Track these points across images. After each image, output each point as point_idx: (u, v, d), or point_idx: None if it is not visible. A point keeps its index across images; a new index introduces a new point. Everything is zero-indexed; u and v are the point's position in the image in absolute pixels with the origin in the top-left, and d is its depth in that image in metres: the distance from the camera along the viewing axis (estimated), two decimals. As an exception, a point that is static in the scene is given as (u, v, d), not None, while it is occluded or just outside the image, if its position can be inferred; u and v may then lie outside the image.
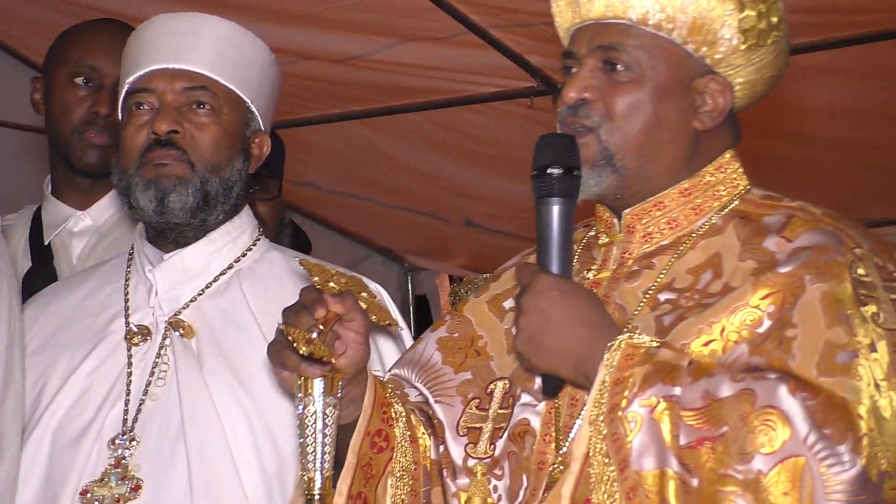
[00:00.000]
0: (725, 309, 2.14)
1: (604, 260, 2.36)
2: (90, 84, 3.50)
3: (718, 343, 2.12)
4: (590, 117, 2.27)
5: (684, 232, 2.31)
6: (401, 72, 5.37)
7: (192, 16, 2.84)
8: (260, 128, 2.88)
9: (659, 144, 2.28)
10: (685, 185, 2.32)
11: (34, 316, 2.93)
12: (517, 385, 2.33)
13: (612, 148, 2.26)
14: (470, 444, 2.35)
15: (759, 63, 2.32)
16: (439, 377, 2.44)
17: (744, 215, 2.29)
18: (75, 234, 3.57)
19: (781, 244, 2.19)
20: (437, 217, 6.94)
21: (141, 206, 2.74)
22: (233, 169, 2.79)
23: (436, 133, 5.96)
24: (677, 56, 2.29)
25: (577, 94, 2.28)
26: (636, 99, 2.27)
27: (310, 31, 4.95)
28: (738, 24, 2.26)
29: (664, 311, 2.22)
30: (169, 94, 2.76)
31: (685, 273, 2.26)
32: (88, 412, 2.72)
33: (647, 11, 2.26)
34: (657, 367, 2.06)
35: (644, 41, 2.28)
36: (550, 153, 2.22)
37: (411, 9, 4.85)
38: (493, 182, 6.45)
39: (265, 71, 2.88)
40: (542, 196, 2.20)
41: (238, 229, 2.87)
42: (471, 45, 5.10)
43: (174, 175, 2.72)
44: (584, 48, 2.31)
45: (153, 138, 2.73)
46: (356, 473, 2.23)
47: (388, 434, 2.28)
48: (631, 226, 2.33)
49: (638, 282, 2.29)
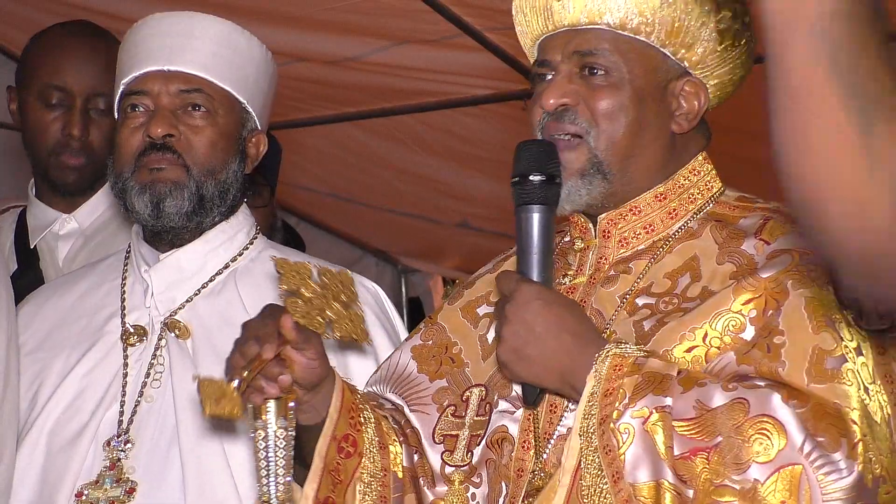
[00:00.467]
0: (707, 314, 2.13)
1: (580, 265, 2.34)
2: (60, 105, 3.47)
3: (702, 349, 2.12)
4: (577, 123, 2.24)
5: (660, 236, 2.30)
6: (394, 74, 5.36)
7: (187, 15, 2.83)
8: (256, 127, 2.87)
9: (641, 148, 2.27)
10: (660, 189, 2.30)
11: (30, 315, 2.92)
12: (494, 392, 2.32)
13: (601, 154, 2.24)
14: (446, 451, 2.34)
15: (732, 63, 2.31)
16: (414, 386, 2.43)
17: (719, 218, 2.29)
18: (61, 237, 3.56)
19: (759, 247, 2.18)
20: (430, 220, 6.94)
21: (137, 210, 2.73)
22: (229, 171, 2.79)
23: (429, 135, 5.96)
24: (654, 59, 2.28)
25: (556, 101, 2.25)
26: (617, 102, 2.24)
27: (303, 32, 4.94)
28: (715, 25, 2.25)
29: (643, 316, 2.21)
30: (164, 97, 2.75)
31: (663, 277, 2.25)
32: (84, 414, 2.72)
33: (625, 16, 2.24)
34: (647, 377, 2.05)
35: (621, 45, 2.26)
36: (530, 160, 2.21)
37: (405, 10, 4.84)
38: (487, 184, 6.45)
39: (261, 70, 2.87)
40: (522, 203, 2.19)
41: (234, 228, 2.86)
42: (465, 47, 5.10)
43: (170, 179, 2.72)
44: (559, 55, 2.28)
45: (148, 142, 2.73)
46: (323, 477, 2.21)
47: (356, 439, 2.26)
48: (607, 231, 2.32)
49: (615, 286, 2.28)
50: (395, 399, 2.44)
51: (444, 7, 4.81)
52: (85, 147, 3.47)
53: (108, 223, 3.55)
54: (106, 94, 3.41)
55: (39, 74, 3.47)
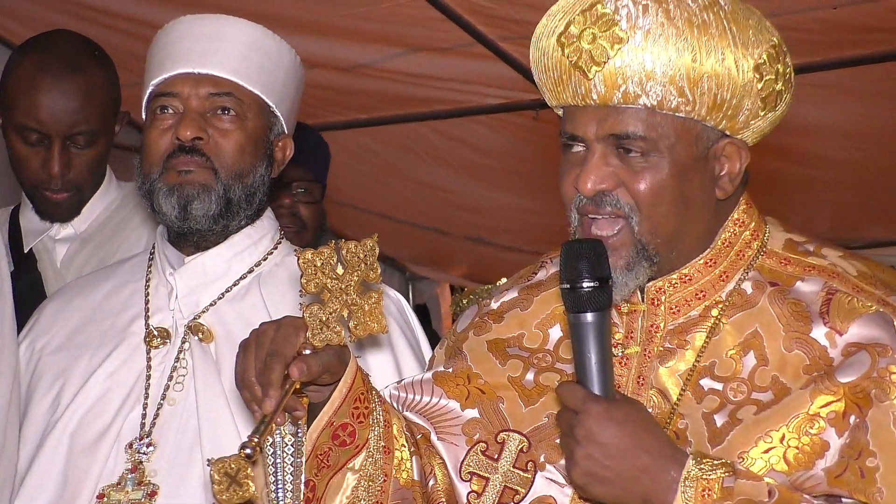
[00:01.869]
0: (784, 416, 2.10)
1: (629, 331, 2.28)
2: (39, 143, 3.42)
3: (779, 450, 2.08)
4: (619, 206, 2.16)
5: (712, 301, 2.24)
6: (407, 81, 5.38)
7: (218, 18, 2.82)
8: (283, 131, 2.86)
9: (688, 224, 2.20)
10: (709, 254, 2.25)
11: (53, 314, 2.93)
12: (539, 450, 2.27)
13: (645, 238, 2.17)
14: (473, 492, 2.30)
15: (773, 119, 2.24)
16: (444, 413, 2.38)
17: (774, 280, 2.22)
18: (58, 241, 3.56)
19: (831, 337, 2.13)
20: (438, 231, 6.94)
21: (164, 211, 2.73)
22: (256, 175, 2.78)
23: (440, 143, 5.97)
24: (694, 131, 2.17)
25: (594, 186, 2.15)
26: (659, 182, 2.15)
27: (317, 38, 4.94)
28: (759, 94, 2.16)
29: (713, 408, 2.16)
30: (194, 100, 2.74)
31: (725, 357, 2.20)
32: (107, 415, 2.72)
33: (664, 98, 2.12)
34: (741, 503, 2.01)
35: (659, 123, 2.14)
36: (581, 264, 2.10)
37: (419, 18, 4.86)
38: (496, 195, 6.46)
39: (290, 74, 2.87)
40: (576, 311, 2.10)
41: (259, 233, 2.86)
42: (478, 56, 5.11)
43: (197, 182, 2.72)
44: (592, 132, 2.16)
45: (177, 144, 2.72)
46: (308, 460, 2.18)
47: (356, 430, 2.22)
48: (655, 298, 2.26)
49: (673, 362, 2.23)
50: (418, 420, 2.39)
51: (458, 16, 4.82)
52: (66, 183, 3.45)
53: (105, 225, 3.56)
54: (85, 130, 3.40)
55: (15, 114, 3.42)
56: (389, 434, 2.28)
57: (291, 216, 4.05)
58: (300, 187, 4.11)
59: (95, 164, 3.50)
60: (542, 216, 6.78)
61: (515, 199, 6.53)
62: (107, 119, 3.48)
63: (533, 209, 6.70)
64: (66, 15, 4.76)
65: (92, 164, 3.48)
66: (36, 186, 3.48)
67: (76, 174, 3.46)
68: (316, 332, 2.10)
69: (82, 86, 3.40)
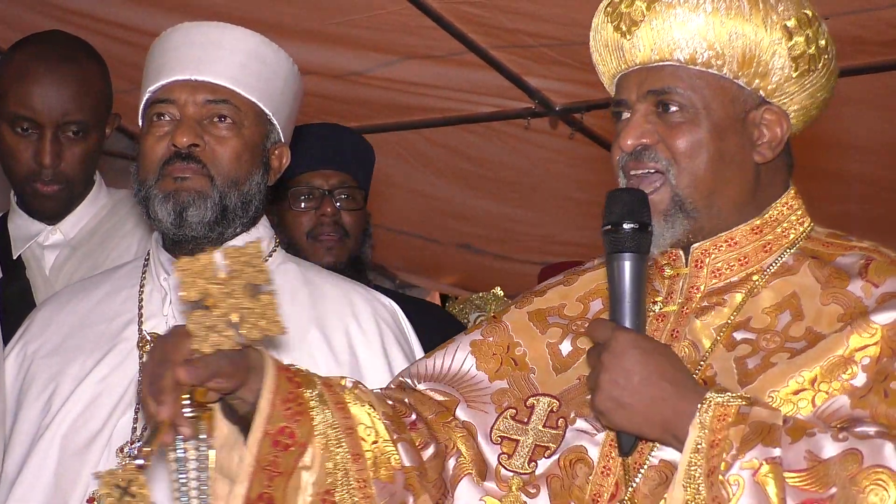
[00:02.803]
0: (818, 358, 2.12)
1: (669, 293, 2.34)
2: (31, 133, 3.43)
3: (809, 393, 2.11)
4: (657, 160, 2.26)
5: (754, 269, 2.29)
6: (399, 89, 5.38)
7: (216, 26, 2.83)
8: (280, 139, 2.87)
9: (725, 181, 2.27)
10: (756, 221, 2.30)
11: (48, 317, 2.93)
12: (570, 408, 2.31)
13: (683, 192, 2.25)
14: (504, 454, 2.33)
15: (811, 88, 2.31)
16: (473, 384, 2.42)
17: (815, 255, 2.28)
18: (46, 248, 3.56)
19: (867, 289, 2.17)
20: (429, 239, 6.94)
21: (159, 218, 2.73)
22: (252, 182, 2.78)
23: (431, 152, 5.97)
24: (730, 91, 2.27)
25: (635, 141, 2.27)
26: (696, 138, 2.25)
27: (308, 46, 4.94)
28: (788, 53, 2.25)
29: (745, 353, 2.20)
30: (190, 107, 2.74)
31: (761, 313, 2.24)
32: (98, 419, 2.72)
33: (695, 50, 2.25)
34: (754, 427, 2.03)
35: (695, 80, 2.26)
36: (623, 208, 2.20)
37: (411, 26, 4.86)
38: (487, 203, 6.46)
39: (288, 83, 2.88)
40: (615, 251, 2.18)
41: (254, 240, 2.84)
42: (470, 64, 5.12)
43: (193, 189, 2.72)
44: (634, 94, 2.30)
45: (173, 151, 2.72)
46: (255, 476, 2.17)
47: (294, 431, 2.21)
48: (699, 261, 2.31)
49: (709, 318, 2.28)
50: (439, 397, 2.42)
51: (449, 24, 4.83)
52: (57, 175, 3.45)
53: (94, 232, 3.56)
54: (78, 119, 3.41)
55: (7, 102, 3.43)
56: (355, 439, 2.27)
57: (333, 224, 3.95)
58: (342, 193, 4.00)
59: (86, 159, 3.50)
60: (533, 225, 6.79)
61: (506, 207, 6.54)
62: (99, 113, 3.49)
63: (524, 218, 6.71)
64: (58, 22, 4.74)
65: (82, 158, 3.48)
66: (26, 179, 3.47)
67: (67, 166, 3.46)
68: (202, 337, 2.08)
69: (76, 75, 3.42)
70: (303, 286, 2.86)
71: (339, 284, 2.93)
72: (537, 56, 4.94)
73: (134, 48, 4.60)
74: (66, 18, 4.83)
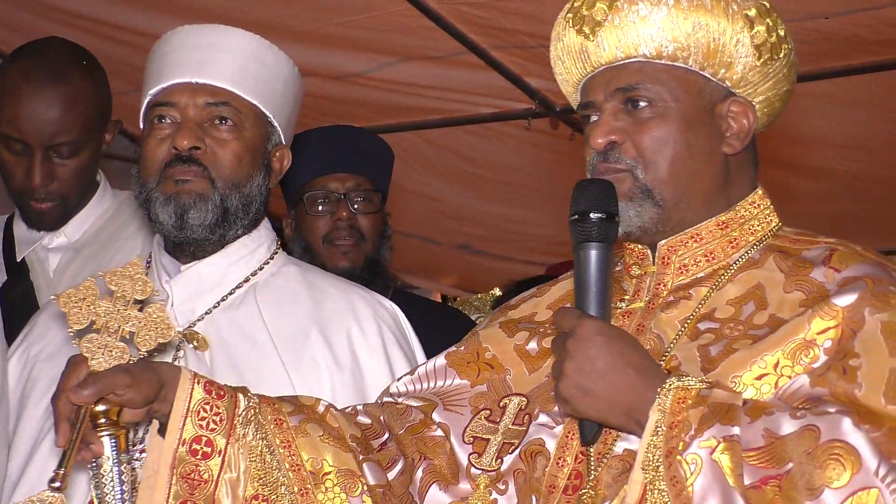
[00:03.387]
0: (780, 342, 2.13)
1: (636, 291, 2.36)
2: (21, 152, 3.43)
3: (772, 377, 2.11)
4: (621, 160, 2.27)
5: (721, 265, 2.31)
6: (398, 90, 5.38)
7: (216, 28, 2.83)
8: (281, 141, 2.87)
9: (693, 174, 2.29)
10: (722, 217, 2.32)
11: (50, 321, 2.92)
12: (536, 404, 2.33)
13: (650, 184, 2.27)
14: (474, 453, 2.36)
15: (775, 77, 2.33)
16: (454, 391, 2.45)
17: (781, 250, 2.30)
18: (51, 250, 3.57)
19: (830, 274, 2.18)
20: (429, 240, 6.94)
21: (160, 220, 2.73)
22: (253, 185, 2.79)
23: (432, 153, 5.97)
24: (696, 83, 2.30)
25: (604, 139, 2.28)
26: (664, 133, 2.27)
27: (308, 47, 4.94)
28: (751, 41, 2.28)
29: (708, 341, 2.21)
30: (191, 109, 2.75)
31: (725, 304, 2.26)
32: (101, 422, 2.71)
33: (660, 45, 2.27)
34: (713, 408, 2.03)
35: (661, 75, 2.28)
36: (589, 198, 2.21)
37: (411, 27, 4.86)
38: (487, 204, 6.46)
39: (288, 85, 2.88)
40: (581, 241, 2.20)
41: (255, 242, 2.86)
42: (470, 65, 5.12)
43: (194, 191, 2.72)
44: (602, 94, 2.31)
45: (174, 153, 2.73)
46: (173, 485, 2.22)
47: (211, 440, 2.26)
48: (666, 257, 2.33)
49: (675, 311, 2.29)
50: (419, 404, 2.44)
51: (450, 24, 4.83)
52: (50, 193, 3.46)
53: (98, 234, 3.56)
54: (67, 140, 3.40)
55: (0, 120, 3.42)
56: (303, 475, 2.29)
57: (349, 228, 3.96)
58: (358, 196, 3.99)
59: (80, 174, 3.49)
60: (533, 226, 6.79)
61: (506, 208, 6.54)
62: (91, 129, 3.48)
63: (524, 219, 6.71)
64: (58, 24, 4.76)
65: (76, 174, 3.48)
66: (21, 195, 3.48)
67: (60, 184, 3.46)
68: (97, 359, 2.19)
69: (64, 96, 3.40)
70: (304, 289, 2.87)
71: (340, 287, 2.93)
72: (537, 56, 4.94)
73: (134, 50, 4.61)
74: (67, 21, 4.83)
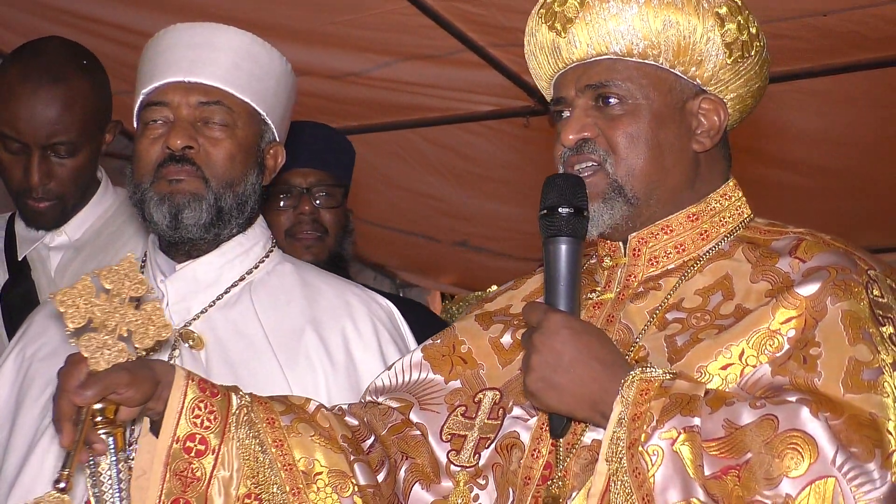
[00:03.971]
0: (745, 332, 2.15)
1: (607, 282, 2.38)
2: (19, 151, 3.43)
3: (737, 367, 2.13)
4: (595, 152, 2.29)
5: (691, 256, 2.33)
6: (397, 89, 5.38)
7: (208, 27, 2.82)
8: (275, 139, 2.87)
9: (664, 171, 2.30)
10: (692, 210, 2.34)
11: (47, 320, 2.92)
12: (509, 398, 2.34)
13: (621, 180, 2.28)
14: (453, 451, 2.37)
15: (746, 75, 2.34)
16: (429, 388, 2.46)
17: (751, 241, 2.31)
18: (52, 249, 3.57)
19: (795, 264, 2.20)
20: (428, 238, 6.94)
21: (155, 220, 2.73)
22: (247, 183, 2.78)
23: (430, 151, 5.97)
24: (667, 81, 2.31)
25: (576, 135, 2.29)
26: (635, 129, 2.28)
27: (306, 46, 4.95)
28: (722, 39, 2.28)
29: (675, 331, 2.23)
30: (184, 109, 2.74)
31: (693, 294, 2.27)
32: (96, 421, 2.71)
33: (631, 42, 2.28)
34: (674, 399, 2.05)
35: (632, 72, 2.29)
36: (559, 193, 2.22)
37: (409, 26, 4.86)
38: (486, 202, 6.46)
39: (281, 82, 2.87)
40: (550, 235, 2.21)
41: (251, 241, 2.86)
42: (468, 63, 5.12)
43: (188, 191, 2.72)
44: (573, 90, 2.32)
45: (167, 153, 2.72)
46: (167, 481, 2.24)
47: (205, 437, 2.27)
48: (637, 249, 2.35)
49: (644, 302, 2.31)
50: (396, 404, 2.45)
51: (448, 22, 4.82)
52: (48, 192, 3.46)
53: (100, 233, 3.56)
54: (64, 140, 3.41)
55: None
56: (295, 475, 2.30)
57: (313, 222, 3.97)
58: (321, 191, 4.00)
59: (78, 174, 3.50)
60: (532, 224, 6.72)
61: (505, 206, 6.53)
62: (89, 129, 3.48)
63: (523, 217, 6.69)
64: (56, 24, 4.76)
65: (74, 174, 3.48)
66: (19, 194, 3.49)
67: (57, 184, 3.47)
68: (96, 358, 2.18)
69: (61, 96, 3.41)
70: (299, 287, 2.87)
71: (335, 285, 2.93)
72: (535, 54, 4.93)
73: (131, 49, 4.59)
74: (64, 20, 4.83)
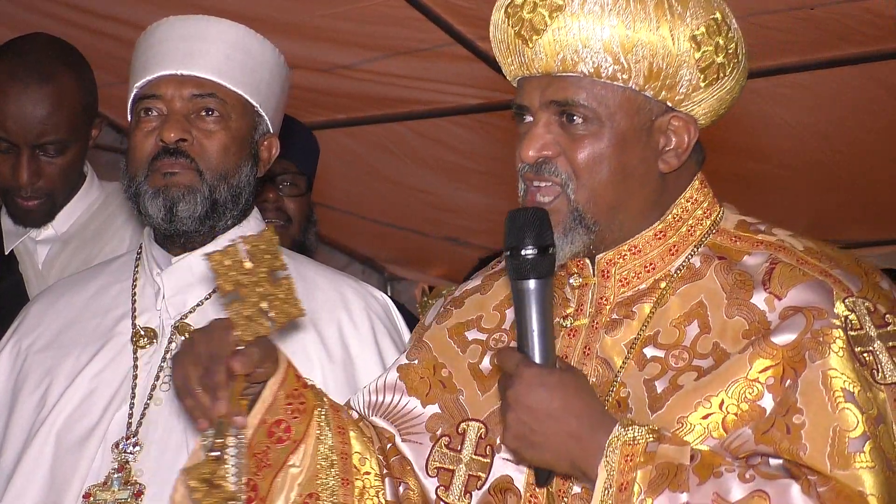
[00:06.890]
0: (723, 381, 2.11)
1: (579, 305, 2.30)
2: (8, 150, 3.42)
3: (718, 416, 2.09)
4: (556, 174, 2.19)
5: (661, 274, 2.26)
6: (386, 82, 5.37)
7: (200, 19, 2.83)
8: (269, 130, 2.87)
9: (627, 194, 2.22)
10: (659, 226, 2.26)
11: (41, 312, 2.92)
12: (496, 434, 2.28)
13: (582, 207, 2.19)
14: (441, 486, 2.32)
15: (720, 94, 2.23)
16: (406, 413, 2.40)
17: (722, 254, 2.24)
18: (39, 242, 3.56)
19: (770, 301, 2.14)
20: (417, 232, 6.94)
21: (150, 213, 2.73)
22: (241, 175, 2.79)
23: (419, 144, 5.96)
24: (635, 102, 2.19)
25: (536, 153, 2.19)
26: (598, 152, 2.18)
27: (296, 39, 4.93)
28: (697, 64, 2.17)
29: (654, 374, 2.17)
30: (177, 101, 2.75)
31: (669, 326, 2.21)
32: (93, 415, 2.72)
33: (600, 65, 2.16)
34: (661, 469, 2.02)
35: (599, 92, 2.18)
36: (523, 232, 2.12)
37: (398, 18, 4.86)
38: (475, 196, 6.46)
39: (274, 73, 2.88)
40: (517, 279, 2.12)
41: (246, 233, 2.83)
42: (457, 56, 5.11)
43: (183, 184, 2.72)
44: (537, 101, 2.21)
45: (161, 146, 2.73)
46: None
47: (290, 426, 2.25)
48: (606, 271, 2.28)
49: (620, 333, 2.24)
50: (384, 426, 2.42)
51: (437, 16, 4.82)
52: (37, 191, 3.45)
53: (87, 226, 3.56)
54: (53, 139, 3.40)
55: None
56: (348, 466, 2.29)
57: (276, 210, 3.98)
58: (285, 180, 4.01)
59: (67, 172, 3.49)
60: (520, 216, 6.78)
61: (494, 200, 6.52)
62: (77, 127, 3.47)
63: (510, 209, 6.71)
64: (42, 15, 4.74)
65: (63, 172, 3.48)
66: (7, 192, 3.48)
67: (46, 182, 3.46)
68: (243, 327, 2.15)
69: (50, 95, 3.39)
70: (296, 279, 2.84)
71: (330, 278, 2.93)
72: (524, 47, 4.93)
73: (119, 41, 4.60)
74: (51, 11, 4.81)
